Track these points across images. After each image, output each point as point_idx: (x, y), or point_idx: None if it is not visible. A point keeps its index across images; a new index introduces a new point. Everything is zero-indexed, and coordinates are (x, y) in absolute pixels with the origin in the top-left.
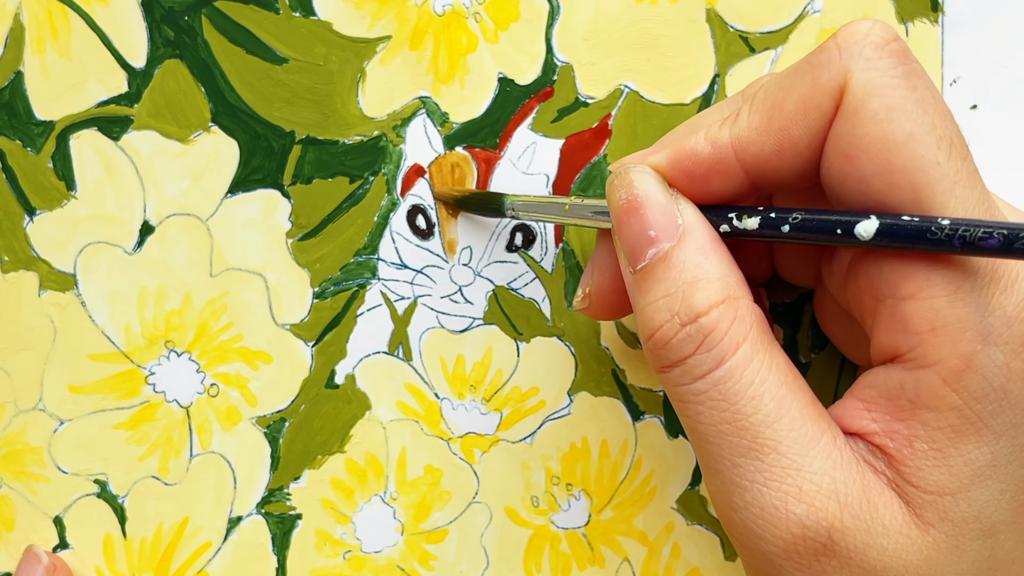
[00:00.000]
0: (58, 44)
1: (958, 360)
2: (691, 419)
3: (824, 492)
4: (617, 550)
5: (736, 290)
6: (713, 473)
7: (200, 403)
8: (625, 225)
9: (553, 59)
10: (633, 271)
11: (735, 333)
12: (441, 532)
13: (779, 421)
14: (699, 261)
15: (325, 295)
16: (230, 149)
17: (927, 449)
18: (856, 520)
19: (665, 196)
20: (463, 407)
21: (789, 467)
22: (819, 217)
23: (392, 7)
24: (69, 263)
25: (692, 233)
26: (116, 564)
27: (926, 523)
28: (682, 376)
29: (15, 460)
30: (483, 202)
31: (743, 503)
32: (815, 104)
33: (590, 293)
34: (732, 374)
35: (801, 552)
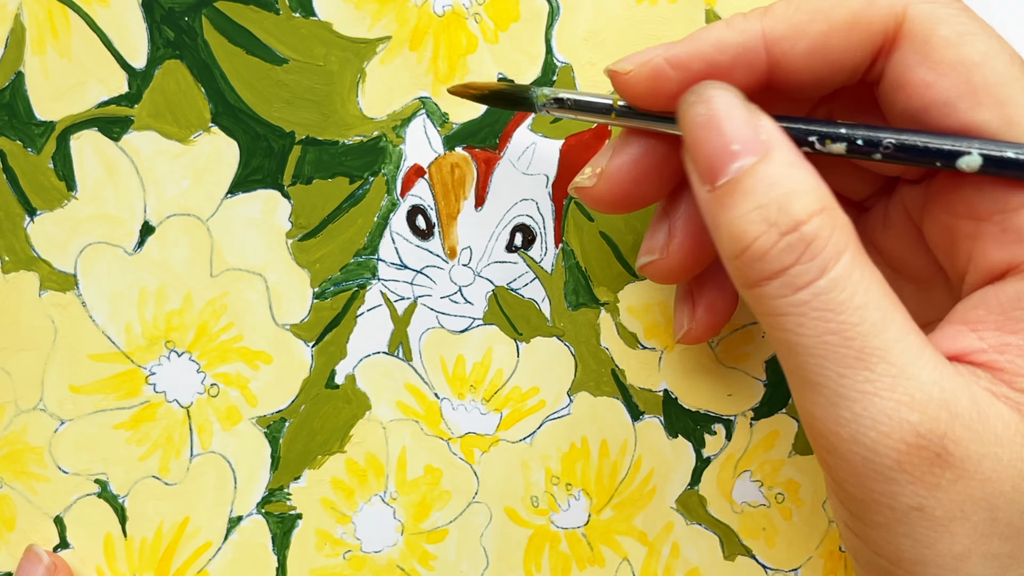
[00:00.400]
0: (58, 45)
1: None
2: (790, 332)
3: (935, 401)
4: (617, 550)
5: (831, 201)
6: (815, 388)
7: (200, 403)
8: (703, 141)
9: (553, 59)
10: (712, 188)
11: (837, 241)
12: (441, 532)
13: (887, 331)
14: (790, 173)
15: (325, 295)
16: (230, 149)
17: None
18: (968, 430)
19: (746, 111)
20: (463, 407)
21: (900, 376)
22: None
23: (392, 8)
24: (70, 263)
25: (777, 147)
26: (116, 564)
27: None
28: (782, 288)
29: (16, 460)
30: (506, 96)
31: (852, 415)
32: (865, 23)
33: (602, 173)
34: (837, 283)
35: (916, 463)
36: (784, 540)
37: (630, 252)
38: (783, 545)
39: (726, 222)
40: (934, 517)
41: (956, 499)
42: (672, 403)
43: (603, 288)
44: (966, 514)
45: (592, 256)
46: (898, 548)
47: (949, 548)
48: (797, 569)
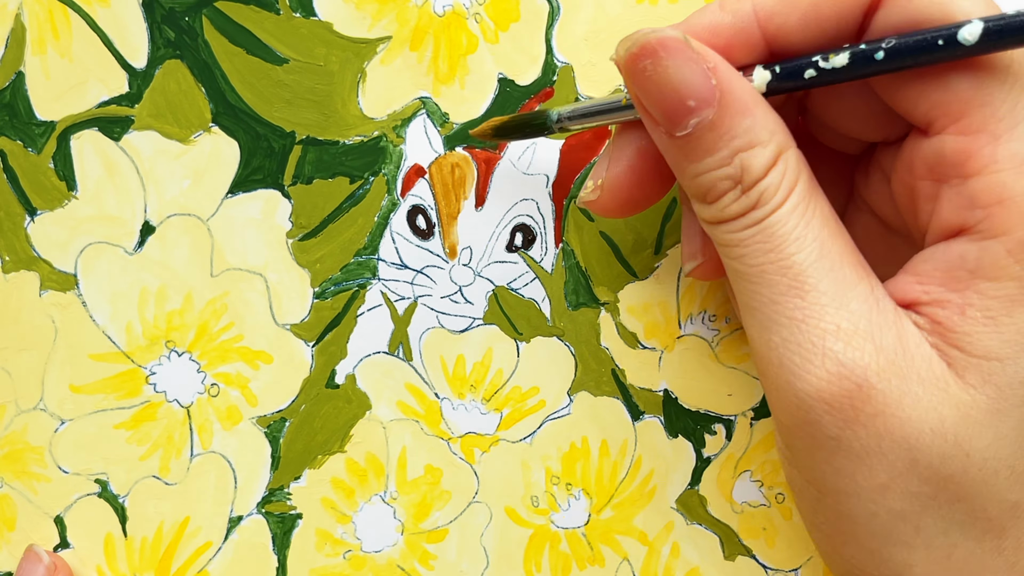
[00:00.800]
0: (59, 45)
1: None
2: (735, 261)
3: (861, 333)
4: (617, 550)
5: (785, 142)
6: (753, 313)
7: (201, 403)
8: (655, 96)
9: (553, 60)
10: (671, 137)
11: (786, 183)
12: (441, 532)
13: (820, 261)
14: (748, 124)
15: (325, 295)
16: (231, 149)
17: (980, 316)
18: (892, 364)
19: (695, 58)
20: (463, 407)
21: (829, 305)
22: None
23: (392, 8)
24: (70, 263)
25: (731, 93)
26: (117, 564)
27: (967, 383)
28: (733, 226)
29: (16, 460)
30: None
31: (780, 340)
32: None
33: (603, 185)
34: (780, 218)
35: (835, 393)
36: (784, 540)
37: (630, 252)
38: (783, 545)
39: (691, 174)
40: (851, 449)
41: (873, 434)
42: (672, 403)
43: (603, 288)
44: (883, 450)
45: (592, 256)
46: (822, 476)
47: (867, 480)
48: (797, 569)
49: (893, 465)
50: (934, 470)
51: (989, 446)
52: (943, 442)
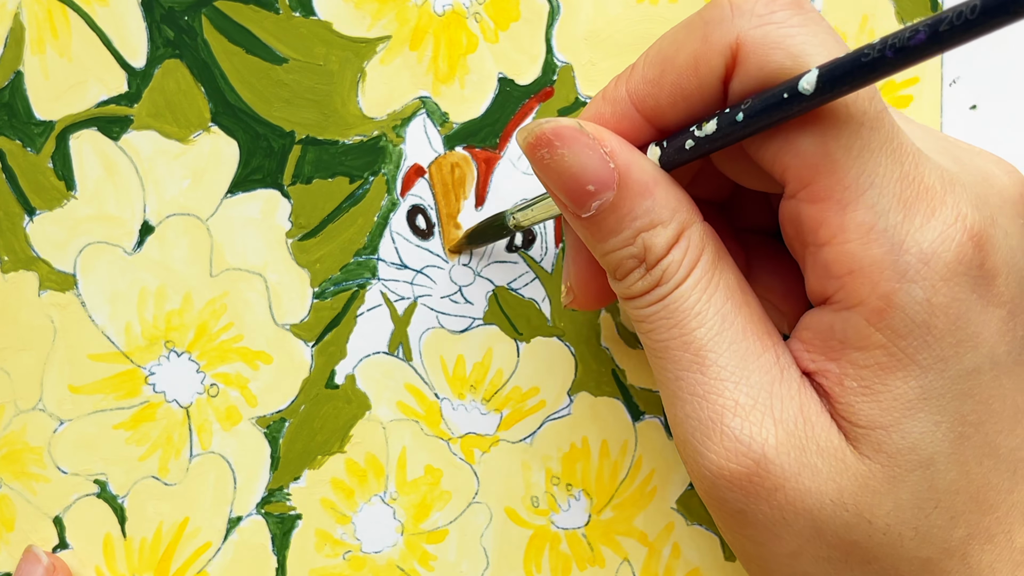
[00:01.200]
0: (58, 44)
1: (878, 300)
2: (644, 336)
3: (760, 407)
4: (617, 550)
5: (687, 218)
6: (662, 387)
7: (200, 403)
8: (556, 182)
9: (553, 59)
10: (578, 219)
11: (688, 262)
12: (441, 532)
13: (721, 334)
14: (648, 205)
15: (325, 295)
16: (230, 149)
17: (856, 386)
18: (791, 438)
19: (589, 143)
20: (463, 407)
21: (728, 380)
22: (766, 94)
23: (392, 7)
24: (69, 263)
25: (629, 175)
26: (116, 564)
27: (862, 453)
28: (639, 303)
29: (15, 460)
30: (488, 227)
31: (684, 416)
32: (705, 61)
33: (572, 286)
34: (681, 295)
35: (734, 470)
36: None
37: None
38: None
39: (600, 252)
40: (757, 521)
41: (776, 507)
42: None
43: None
44: (787, 521)
45: None
46: (740, 543)
47: (779, 548)
48: None
49: (799, 534)
50: (839, 537)
51: (890, 512)
52: (844, 511)
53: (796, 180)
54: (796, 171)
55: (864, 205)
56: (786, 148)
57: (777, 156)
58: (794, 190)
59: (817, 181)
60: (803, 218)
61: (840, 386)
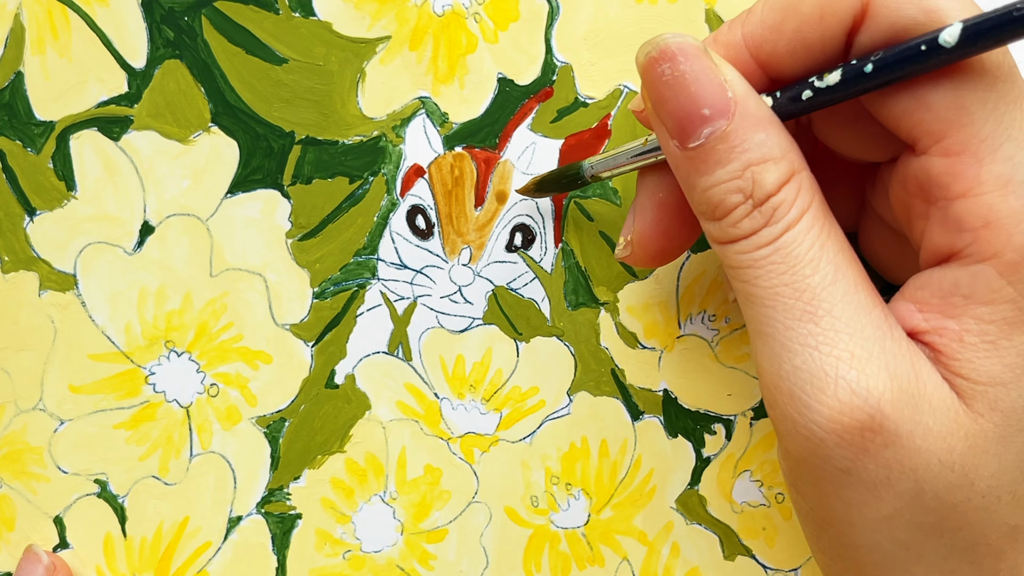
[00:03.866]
0: (58, 44)
1: (1014, 253)
2: (748, 283)
3: (875, 360)
4: (616, 549)
5: (798, 163)
6: (765, 339)
7: (200, 403)
8: (671, 102)
9: (552, 59)
10: (683, 149)
11: (800, 202)
12: (441, 532)
13: (835, 285)
14: (761, 139)
15: (325, 295)
16: (230, 149)
17: (978, 342)
18: (905, 394)
19: (712, 67)
20: (463, 407)
21: (843, 331)
22: (902, 46)
23: (392, 7)
24: (69, 263)
25: (746, 107)
26: (116, 564)
27: (975, 412)
28: (746, 245)
29: (15, 460)
30: (560, 176)
31: (792, 368)
32: (832, 11)
33: (632, 240)
34: (795, 238)
35: (847, 424)
36: (784, 540)
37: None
38: (783, 545)
39: (701, 187)
40: (861, 480)
41: (883, 465)
42: (672, 403)
43: (603, 288)
44: (891, 481)
45: (592, 256)
46: (829, 507)
47: (876, 511)
48: (797, 569)
49: (901, 495)
50: (940, 500)
51: (993, 474)
52: (950, 472)
53: (928, 135)
54: (928, 125)
55: (1001, 157)
56: (917, 102)
57: (906, 112)
58: (926, 145)
59: (951, 135)
60: (933, 173)
61: (959, 342)
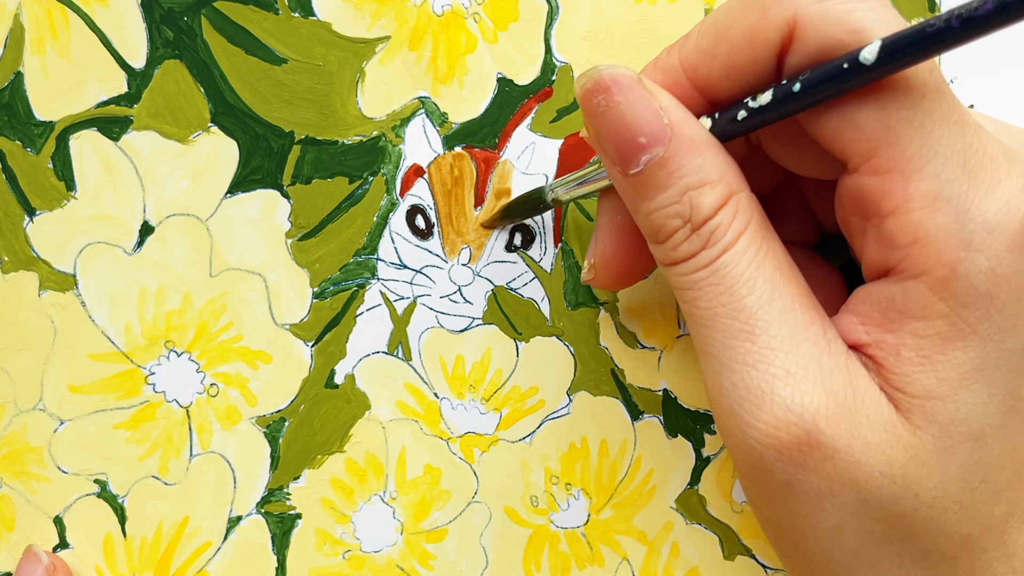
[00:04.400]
0: (58, 45)
1: (943, 269)
2: (689, 304)
3: (811, 376)
4: (616, 549)
5: (736, 184)
6: (707, 358)
7: (200, 403)
8: (608, 131)
9: (552, 59)
10: (625, 175)
11: (737, 224)
12: (440, 531)
13: (771, 304)
14: (698, 163)
15: (325, 295)
16: (229, 149)
17: (914, 356)
18: (841, 408)
19: (646, 96)
20: (462, 407)
21: (779, 349)
22: (826, 65)
23: (391, 7)
24: (69, 263)
25: (682, 132)
26: (116, 564)
27: (914, 425)
28: (686, 268)
29: (15, 460)
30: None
31: (731, 385)
32: (761, 35)
33: (595, 264)
34: (731, 260)
35: (784, 440)
36: None
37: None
38: None
39: (643, 212)
40: (803, 493)
41: (823, 477)
42: (672, 402)
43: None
44: (834, 493)
45: None
46: (778, 518)
47: (822, 522)
48: None
49: (845, 506)
50: (884, 510)
51: (937, 485)
52: (892, 484)
53: (857, 154)
54: (857, 145)
55: (928, 175)
56: (846, 122)
57: (837, 131)
58: (856, 164)
59: (879, 153)
60: (865, 191)
61: (896, 356)
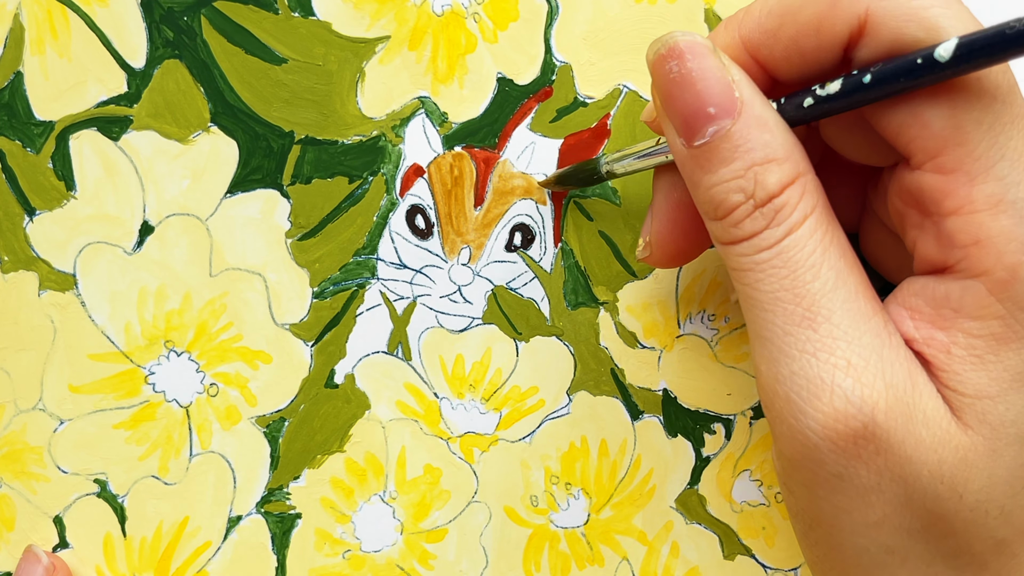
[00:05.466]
0: (58, 44)
1: (1003, 271)
2: (749, 287)
3: (872, 369)
4: (616, 549)
5: (803, 165)
6: (763, 343)
7: (200, 403)
8: (678, 99)
9: (552, 59)
10: (689, 147)
11: (804, 206)
12: (440, 531)
13: (836, 291)
14: (766, 139)
15: (324, 295)
16: (229, 149)
17: (966, 355)
18: (900, 403)
19: (720, 67)
20: (462, 406)
21: (841, 338)
22: (898, 60)
23: (391, 7)
24: (69, 263)
25: (752, 107)
26: (116, 563)
27: (965, 424)
28: (748, 248)
29: (15, 460)
30: (580, 171)
31: (789, 372)
32: (829, 24)
33: (651, 241)
34: (797, 243)
35: (841, 431)
36: (784, 539)
37: (629, 251)
38: (783, 544)
39: (705, 185)
40: (852, 485)
41: (874, 471)
42: (671, 402)
43: (602, 287)
44: (882, 487)
45: (591, 255)
46: (819, 509)
47: (865, 516)
48: (797, 568)
49: (890, 501)
50: (927, 509)
51: (982, 488)
52: (939, 484)
53: (923, 151)
54: (923, 142)
55: (994, 177)
56: (913, 118)
57: (903, 126)
58: (920, 161)
59: (946, 153)
60: (927, 188)
61: (946, 354)
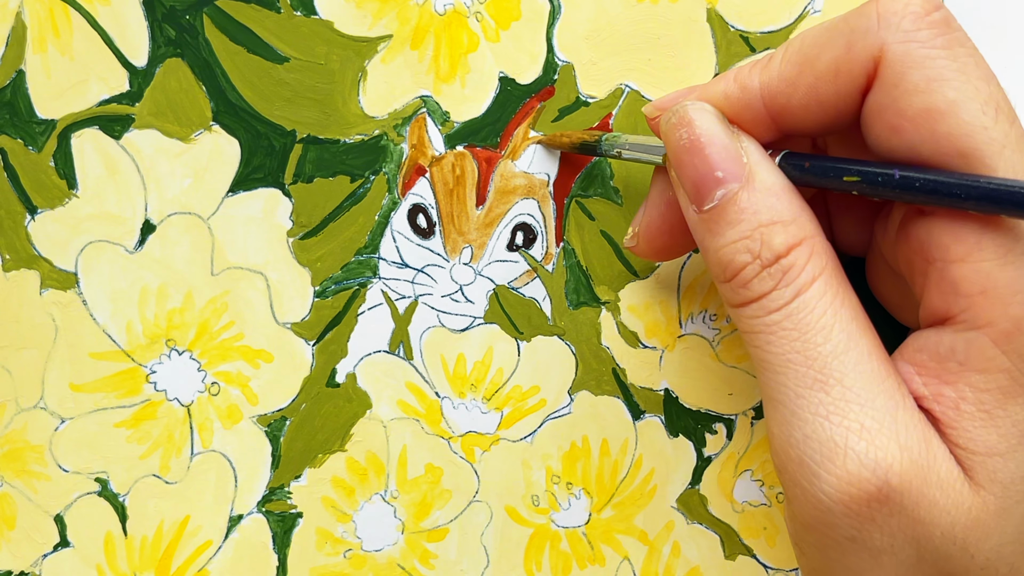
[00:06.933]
0: (60, 43)
1: (1008, 323)
2: (760, 349)
3: (885, 431)
4: (617, 549)
5: (811, 229)
6: (776, 406)
7: (201, 401)
8: (688, 165)
9: (554, 58)
10: (699, 212)
11: (812, 268)
12: (441, 531)
13: (847, 354)
14: (772, 203)
15: (326, 294)
16: (231, 148)
17: (974, 411)
18: (914, 466)
19: (728, 134)
20: (464, 406)
21: (854, 401)
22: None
23: (393, 6)
24: (70, 262)
25: (759, 172)
26: (117, 562)
27: (977, 484)
28: (757, 310)
29: (16, 458)
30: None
31: (802, 436)
32: (847, 70)
33: (639, 232)
34: (806, 304)
35: (854, 495)
36: (785, 539)
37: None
38: (784, 544)
39: (713, 248)
40: (866, 547)
41: (888, 533)
42: (673, 402)
43: (604, 287)
44: (895, 549)
45: (593, 255)
46: (831, 571)
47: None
48: (798, 569)
49: (901, 563)
50: (939, 569)
51: (993, 548)
52: (951, 545)
53: None
54: None
55: (1005, 226)
56: None
57: None
58: None
59: None
60: (935, 232)
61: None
